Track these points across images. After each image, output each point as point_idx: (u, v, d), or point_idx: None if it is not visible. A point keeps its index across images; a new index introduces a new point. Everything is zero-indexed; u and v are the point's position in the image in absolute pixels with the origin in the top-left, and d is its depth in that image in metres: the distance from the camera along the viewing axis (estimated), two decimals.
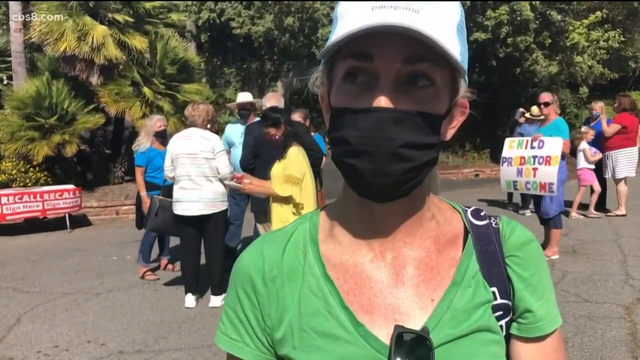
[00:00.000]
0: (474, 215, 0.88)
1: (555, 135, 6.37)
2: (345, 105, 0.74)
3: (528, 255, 0.85)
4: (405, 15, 0.69)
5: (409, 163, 0.72)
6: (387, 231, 0.81)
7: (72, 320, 5.12)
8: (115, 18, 12.07)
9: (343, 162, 0.75)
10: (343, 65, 0.74)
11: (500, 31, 14.39)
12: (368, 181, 0.73)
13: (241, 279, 0.86)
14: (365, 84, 0.73)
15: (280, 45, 17.05)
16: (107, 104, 12.19)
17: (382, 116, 0.70)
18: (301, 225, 0.88)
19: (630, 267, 6.05)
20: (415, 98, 0.72)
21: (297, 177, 4.43)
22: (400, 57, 0.71)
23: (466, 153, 16.68)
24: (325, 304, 0.79)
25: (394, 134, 0.71)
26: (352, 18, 0.72)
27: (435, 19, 0.71)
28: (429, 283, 0.80)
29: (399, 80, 0.72)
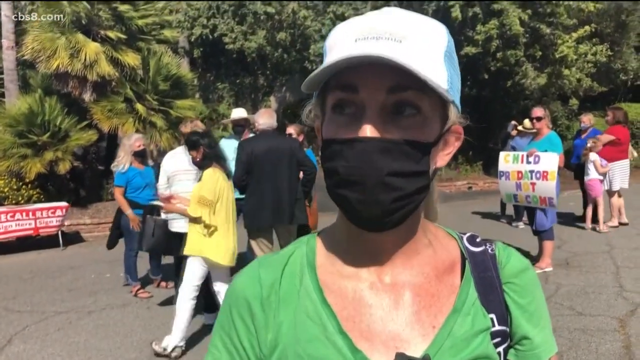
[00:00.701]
0: (470, 242, 0.89)
1: (549, 150, 6.42)
2: (333, 136, 0.75)
3: (525, 283, 0.86)
4: (387, 46, 0.70)
5: (398, 192, 0.73)
6: (385, 258, 0.81)
7: (65, 340, 5.07)
8: (108, 35, 12.09)
9: (334, 193, 0.75)
10: (331, 97, 0.75)
11: (490, 45, 14.52)
12: (358, 211, 0.74)
13: (237, 304, 0.84)
14: (352, 115, 0.74)
15: (273, 60, 17.12)
16: (100, 121, 12.17)
17: (368, 146, 0.71)
18: (298, 249, 0.88)
19: (623, 279, 6.06)
20: (402, 127, 0.73)
21: (208, 199, 4.47)
22: (384, 87, 0.72)
23: (459, 166, 16.73)
24: (323, 329, 0.79)
25: (381, 163, 0.71)
26: (337, 50, 0.73)
27: (418, 48, 0.72)
28: (429, 310, 0.81)
29: (385, 109, 0.72)
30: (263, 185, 5.11)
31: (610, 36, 16.72)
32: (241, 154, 5.16)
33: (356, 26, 0.75)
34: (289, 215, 5.17)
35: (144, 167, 6.54)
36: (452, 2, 14.41)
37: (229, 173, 4.73)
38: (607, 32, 16.70)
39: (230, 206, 4.66)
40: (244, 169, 5.12)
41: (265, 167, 5.12)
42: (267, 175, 5.12)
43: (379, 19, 0.75)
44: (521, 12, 14.43)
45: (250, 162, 5.11)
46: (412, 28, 0.73)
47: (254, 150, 5.14)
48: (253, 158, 5.11)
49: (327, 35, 0.80)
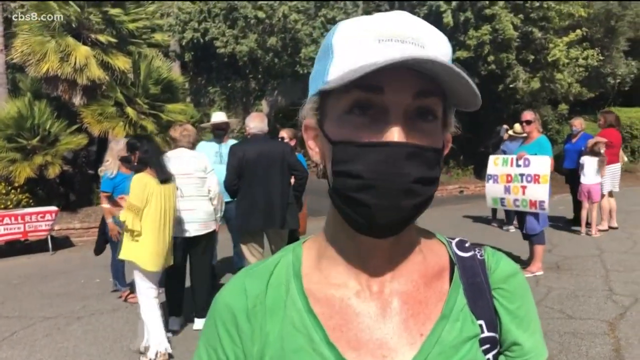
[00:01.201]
0: (459, 247, 0.88)
1: (539, 153, 6.45)
2: (351, 138, 0.73)
3: (514, 288, 0.85)
4: (416, 50, 0.70)
5: (419, 198, 0.72)
6: (375, 265, 0.80)
7: (53, 346, 5.03)
8: (98, 39, 12.04)
9: (349, 197, 0.73)
10: (347, 97, 0.73)
11: (482, 49, 14.58)
12: (376, 217, 0.72)
13: (222, 316, 0.83)
14: (372, 117, 0.72)
15: (265, 64, 17.11)
16: (90, 125, 12.10)
17: (396, 151, 0.70)
18: (284, 258, 0.86)
19: (613, 283, 6.09)
20: (422, 133, 0.73)
21: (134, 205, 4.46)
22: (411, 92, 0.71)
23: (450, 170, 16.78)
24: (309, 340, 0.77)
25: (408, 169, 0.71)
26: (359, 50, 0.71)
27: (437, 54, 0.72)
28: (417, 317, 0.79)
29: (407, 114, 0.72)
30: (254, 189, 5.10)
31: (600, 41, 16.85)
32: (232, 158, 5.15)
33: (374, 26, 0.73)
34: (280, 219, 5.16)
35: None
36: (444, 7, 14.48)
37: (165, 178, 4.65)
38: (597, 37, 16.83)
39: (163, 211, 4.58)
40: (235, 173, 5.10)
41: (257, 171, 5.10)
42: (259, 179, 5.10)
43: (397, 20, 0.74)
44: (513, 17, 14.52)
45: (242, 166, 5.10)
46: (429, 35, 0.74)
47: (245, 154, 5.13)
48: (244, 162, 5.10)
49: (330, 34, 0.77)
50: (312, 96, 0.80)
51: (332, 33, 0.76)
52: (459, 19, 14.71)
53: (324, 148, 0.79)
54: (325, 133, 0.77)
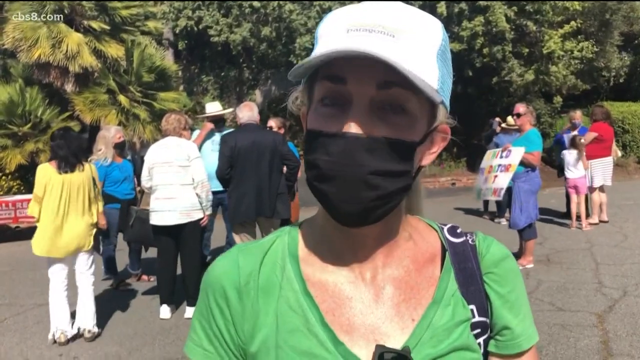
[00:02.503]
0: (451, 233, 0.88)
1: (528, 147, 6.48)
2: (317, 128, 0.73)
3: (505, 272, 0.85)
4: (379, 40, 0.69)
5: (378, 191, 0.72)
6: (366, 252, 0.80)
7: (44, 333, 5.01)
8: (91, 25, 11.95)
9: (314, 186, 0.74)
10: (320, 87, 0.74)
11: (475, 42, 14.57)
12: (336, 207, 0.73)
13: (214, 290, 0.83)
14: (339, 107, 0.72)
15: (259, 53, 17.02)
16: (82, 112, 12.04)
17: (352, 142, 0.70)
18: (279, 239, 0.86)
19: (602, 276, 6.14)
20: (388, 124, 0.72)
21: (35, 194, 4.74)
22: (373, 82, 0.70)
23: (443, 162, 16.79)
24: (305, 321, 0.78)
25: (364, 161, 0.70)
26: (329, 40, 0.72)
27: (411, 44, 0.70)
28: (409, 302, 0.80)
29: (372, 105, 0.71)
30: (246, 179, 5.10)
31: (594, 35, 16.86)
32: (224, 147, 5.14)
33: (349, 16, 0.73)
34: (271, 208, 5.16)
35: (121, 159, 6.44)
36: None
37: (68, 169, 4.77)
38: (591, 31, 16.84)
39: (63, 200, 4.72)
40: (228, 162, 5.09)
41: (248, 160, 5.10)
42: (250, 168, 5.10)
43: (373, 9, 0.73)
44: (507, 9, 14.50)
45: (233, 155, 5.09)
46: (406, 23, 0.72)
47: (237, 143, 5.12)
48: (236, 151, 5.09)
49: (319, 24, 0.78)
50: (298, 86, 0.82)
51: (321, 22, 0.77)
52: (453, 10, 14.68)
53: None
54: (306, 121, 0.78)
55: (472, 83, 16.22)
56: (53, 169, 4.76)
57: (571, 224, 8.81)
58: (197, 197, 5.22)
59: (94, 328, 4.85)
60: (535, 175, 6.60)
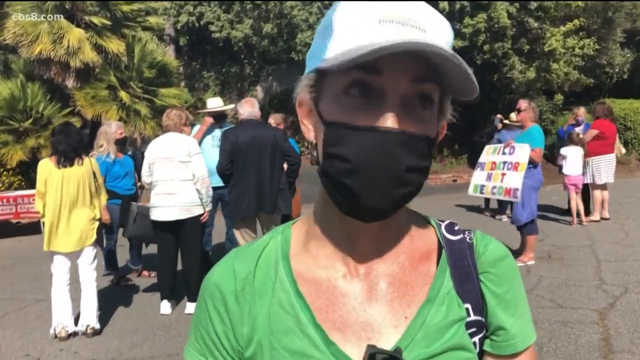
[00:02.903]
0: (448, 230, 0.87)
1: (528, 142, 6.47)
2: (345, 119, 0.71)
3: (502, 272, 0.84)
4: (417, 34, 0.68)
5: (410, 187, 0.72)
6: (363, 247, 0.79)
7: (45, 328, 5.02)
8: (92, 21, 11.93)
9: (338, 181, 0.72)
10: (344, 77, 0.71)
11: (477, 38, 14.55)
12: (362, 202, 0.71)
13: (212, 296, 0.83)
14: (369, 99, 0.70)
15: (260, 49, 16.99)
16: (83, 108, 12.04)
17: (390, 138, 0.69)
18: (273, 240, 0.86)
19: (603, 273, 6.13)
20: (417, 119, 0.71)
21: (37, 189, 4.81)
22: (409, 76, 0.69)
23: (444, 158, 16.79)
24: (297, 321, 0.77)
25: (401, 157, 0.69)
26: (359, 30, 0.69)
27: (438, 40, 0.70)
28: (402, 299, 0.79)
29: (404, 99, 0.70)
30: (246, 174, 5.09)
31: (597, 32, 16.82)
32: (225, 142, 5.14)
33: (375, 6, 0.70)
34: (271, 204, 5.15)
35: (122, 155, 6.44)
36: None
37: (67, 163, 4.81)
38: (593, 28, 16.79)
39: (62, 194, 4.76)
40: (228, 158, 5.09)
41: (249, 156, 5.09)
42: (251, 164, 5.09)
43: (398, 2, 0.71)
44: (509, 6, 14.47)
45: (234, 151, 5.08)
46: (431, 19, 0.72)
47: (238, 139, 5.11)
48: (237, 147, 5.09)
49: (331, 12, 0.74)
50: (308, 73, 0.77)
51: (333, 10, 0.74)
52: (455, 7, 14.66)
53: (317, 127, 0.77)
54: (320, 112, 0.75)
55: None
56: (53, 164, 4.80)
57: (572, 221, 8.80)
58: (197, 192, 5.21)
59: (95, 324, 4.85)
60: (537, 171, 6.60)
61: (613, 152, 9.01)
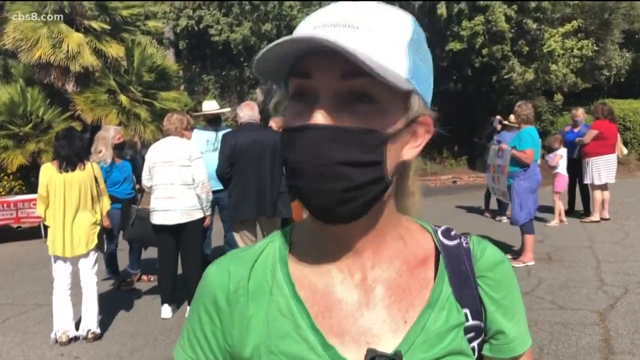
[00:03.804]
0: (445, 235, 0.87)
1: (517, 145, 6.54)
2: (289, 124, 0.74)
3: (499, 277, 0.85)
4: (341, 33, 0.69)
5: (347, 182, 0.70)
6: (354, 252, 0.80)
7: (46, 333, 5.02)
8: (92, 25, 11.95)
9: (289, 185, 0.75)
10: (291, 84, 0.75)
11: (476, 41, 14.57)
12: (309, 201, 0.73)
13: (204, 297, 0.84)
14: (308, 102, 0.72)
15: None
16: (83, 112, 12.06)
17: (318, 133, 0.70)
18: (271, 244, 0.86)
19: (604, 274, 6.13)
20: (357, 115, 0.71)
21: (39, 194, 4.84)
22: (336, 74, 0.70)
23: (444, 160, 16.80)
24: (295, 325, 0.77)
25: (329, 152, 0.69)
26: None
27: (375, 35, 0.70)
28: (400, 304, 0.79)
29: (339, 97, 0.71)
30: (246, 178, 5.09)
31: (595, 33, 16.85)
32: (224, 146, 5.14)
33: (317, 15, 0.74)
34: (271, 208, 5.16)
35: (121, 160, 6.44)
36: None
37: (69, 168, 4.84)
38: (591, 29, 16.82)
39: (65, 199, 4.80)
40: (228, 162, 5.09)
41: (249, 159, 5.09)
42: (250, 168, 5.10)
43: (341, 7, 0.74)
44: (507, 8, 14.50)
45: (234, 154, 5.09)
46: (372, 16, 0.72)
47: (238, 142, 5.12)
48: (236, 151, 5.09)
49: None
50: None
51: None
52: (453, 10, 14.68)
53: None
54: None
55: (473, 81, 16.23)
56: (54, 168, 4.82)
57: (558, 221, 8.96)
58: (197, 197, 5.21)
59: (96, 329, 4.86)
60: (534, 172, 6.64)
61: (613, 152, 9.02)
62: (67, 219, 4.77)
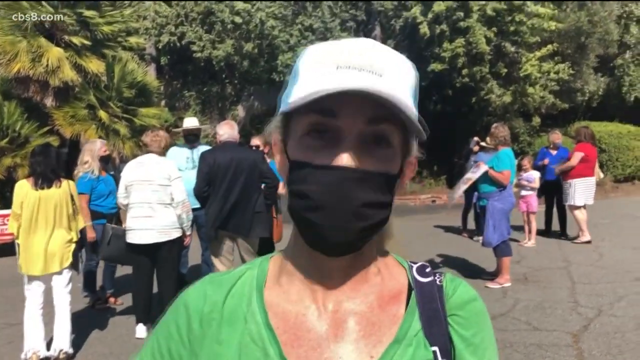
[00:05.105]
0: (419, 272, 0.88)
1: (494, 165, 6.62)
2: (306, 159, 0.75)
3: (470, 315, 0.84)
4: (371, 79, 0.72)
5: (367, 222, 0.74)
6: (333, 284, 0.81)
7: (16, 354, 4.90)
8: (72, 40, 11.89)
9: (301, 216, 0.76)
10: (306, 118, 0.75)
11: (456, 61, 14.79)
12: (325, 237, 0.74)
13: (177, 313, 0.85)
14: (328, 140, 0.74)
15: (241, 69, 17.06)
16: (62, 127, 11.94)
17: (346, 175, 0.72)
18: (249, 271, 0.87)
19: (578, 295, 6.20)
20: (375, 158, 0.75)
21: (13, 211, 4.78)
22: (364, 117, 0.73)
23: (423, 179, 16.92)
24: (264, 353, 0.78)
25: (356, 193, 0.73)
26: (318, 75, 0.74)
27: (395, 83, 0.74)
28: (368, 339, 0.79)
29: (361, 139, 0.74)
30: (223, 196, 5.08)
31: (571, 56, 17.22)
32: (202, 164, 5.13)
33: (335, 53, 0.75)
34: (248, 228, 5.14)
35: (106, 174, 6.39)
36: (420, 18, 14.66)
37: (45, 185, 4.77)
38: (567, 53, 17.19)
39: (37, 216, 4.72)
40: (205, 180, 5.08)
41: (226, 178, 5.09)
42: (228, 186, 5.09)
43: (360, 49, 0.76)
44: (487, 30, 14.77)
45: (212, 173, 5.08)
46: (389, 63, 0.75)
47: (216, 161, 5.11)
48: (215, 169, 5.08)
49: (298, 57, 0.80)
50: (278, 114, 0.82)
51: (301, 56, 0.79)
52: (435, 31, 14.91)
53: (285, 165, 0.81)
54: (287, 152, 0.80)
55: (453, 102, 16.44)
56: (30, 185, 4.75)
57: (525, 242, 9.08)
58: (176, 216, 5.19)
59: (69, 349, 4.77)
60: (509, 194, 6.72)
61: (593, 175, 9.18)
62: (42, 236, 4.70)
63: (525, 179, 9.23)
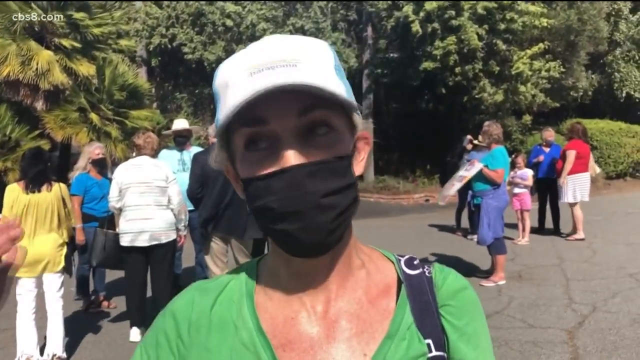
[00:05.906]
0: (408, 265, 0.86)
1: (489, 163, 6.63)
2: (254, 173, 0.74)
3: (461, 304, 0.83)
4: (285, 73, 0.70)
5: (334, 210, 0.72)
6: (317, 284, 0.80)
7: (8, 359, 4.87)
8: (62, 43, 11.82)
9: (272, 229, 0.74)
10: (240, 134, 0.74)
11: (448, 59, 14.82)
12: (300, 240, 0.72)
13: (166, 323, 0.84)
14: (268, 147, 0.73)
15: None
16: (52, 130, 11.87)
17: (295, 174, 0.70)
18: (238, 276, 0.86)
19: (572, 292, 6.22)
20: (320, 146, 0.73)
21: (4, 216, 4.63)
22: (293, 112, 0.71)
23: (416, 178, 16.94)
24: (257, 358, 0.77)
25: (313, 187, 0.71)
26: (235, 89, 0.72)
27: (313, 68, 0.72)
28: (361, 336, 0.78)
29: (299, 134, 0.72)
30: (216, 198, 5.05)
31: (562, 54, 17.30)
32: (195, 166, 5.11)
33: (246, 60, 0.74)
34: (241, 229, 5.12)
35: (101, 177, 6.35)
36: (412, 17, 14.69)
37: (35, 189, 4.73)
38: (558, 51, 17.27)
39: (30, 219, 4.67)
40: (198, 182, 5.05)
41: (219, 179, 5.06)
42: (221, 188, 5.06)
43: (267, 48, 0.74)
44: (478, 28, 14.81)
45: (205, 174, 5.05)
46: (301, 51, 0.74)
47: (209, 162, 5.08)
48: (207, 171, 5.05)
49: (215, 74, 0.78)
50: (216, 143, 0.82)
51: (215, 78, 0.78)
52: (427, 30, 14.93)
53: (240, 184, 0.80)
54: (237, 171, 0.79)
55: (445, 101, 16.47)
56: (20, 189, 4.71)
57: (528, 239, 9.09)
58: (173, 218, 5.18)
59: (62, 353, 4.73)
60: (503, 192, 6.73)
61: (587, 171, 9.21)
62: (32, 239, 4.65)
63: (519, 177, 9.24)
